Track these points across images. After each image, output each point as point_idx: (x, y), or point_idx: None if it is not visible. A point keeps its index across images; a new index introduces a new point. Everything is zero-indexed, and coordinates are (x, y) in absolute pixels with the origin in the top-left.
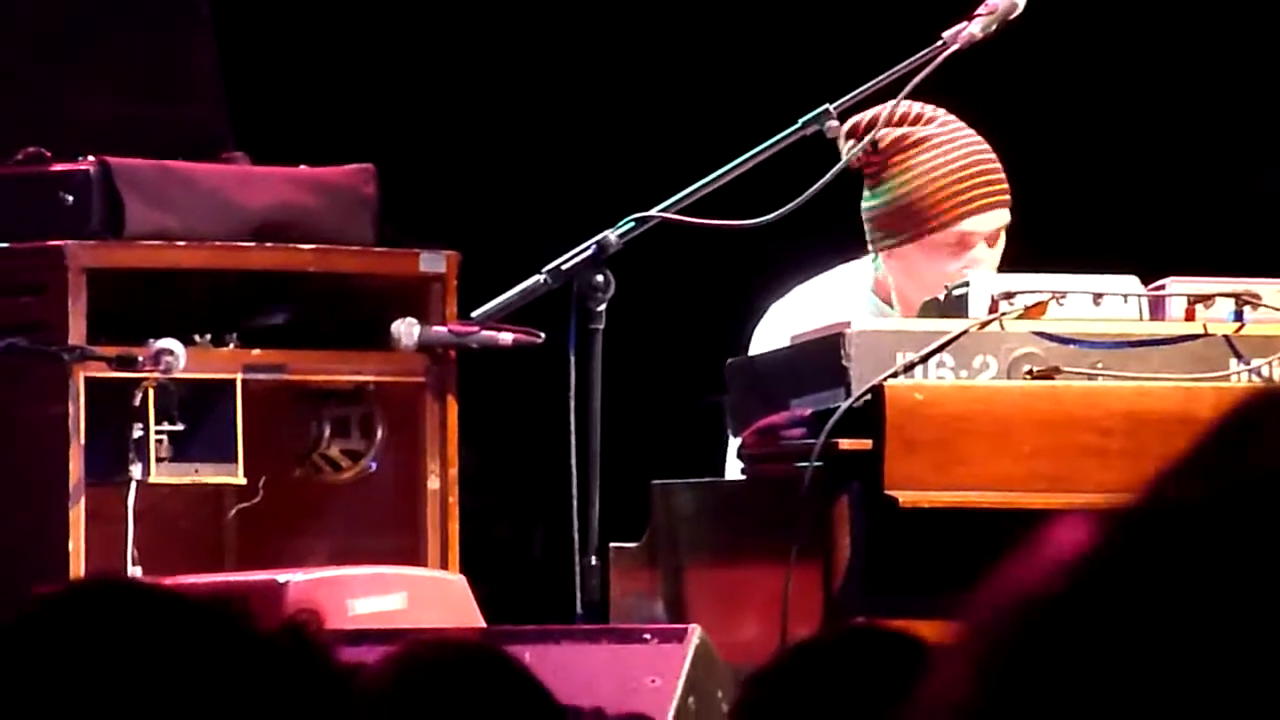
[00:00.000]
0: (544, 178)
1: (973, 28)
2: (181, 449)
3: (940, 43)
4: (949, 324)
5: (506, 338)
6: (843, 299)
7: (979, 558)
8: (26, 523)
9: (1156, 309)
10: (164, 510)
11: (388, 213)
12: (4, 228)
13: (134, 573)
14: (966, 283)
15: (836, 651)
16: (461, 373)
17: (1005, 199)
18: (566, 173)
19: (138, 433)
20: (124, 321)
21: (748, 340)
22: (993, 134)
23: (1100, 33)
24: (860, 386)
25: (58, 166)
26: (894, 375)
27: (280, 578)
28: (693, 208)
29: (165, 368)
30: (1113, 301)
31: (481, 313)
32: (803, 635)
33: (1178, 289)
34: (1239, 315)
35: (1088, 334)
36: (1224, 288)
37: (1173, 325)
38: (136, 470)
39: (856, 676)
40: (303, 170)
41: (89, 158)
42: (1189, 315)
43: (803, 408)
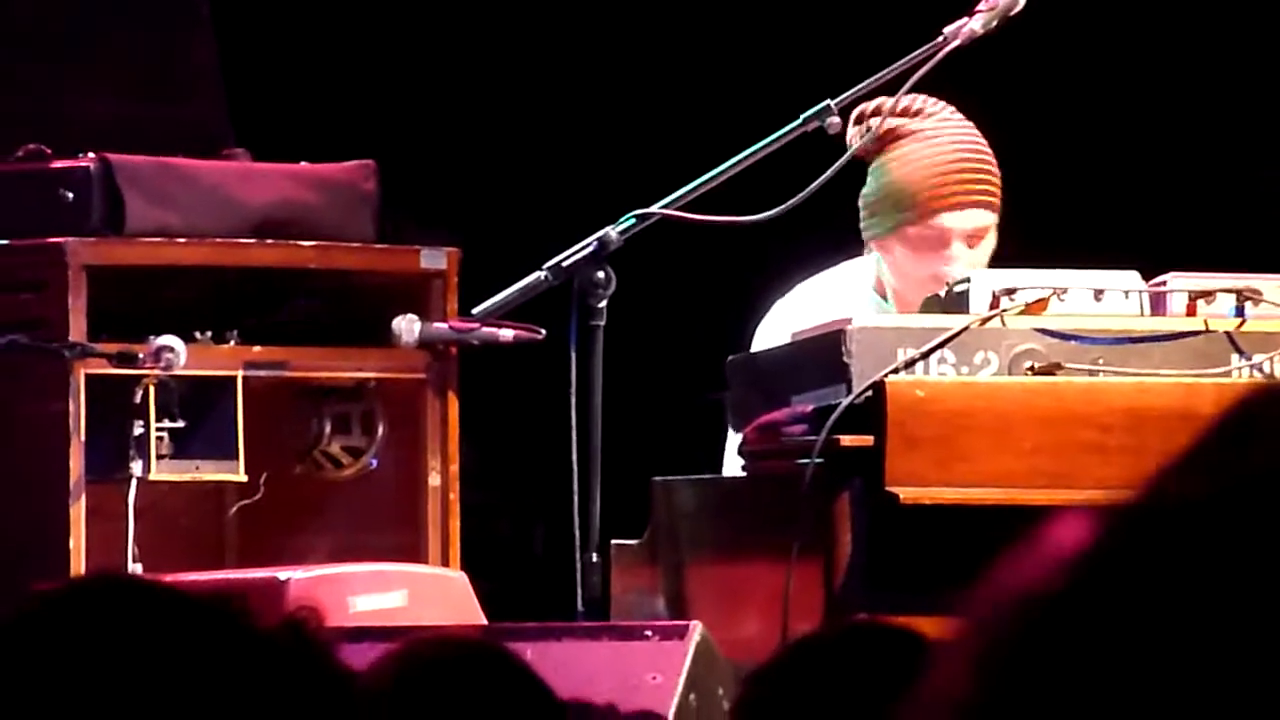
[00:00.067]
0: (545, 174)
1: (974, 23)
2: (182, 446)
3: (942, 38)
4: (950, 320)
5: (507, 334)
6: (845, 296)
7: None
8: (27, 520)
9: (1157, 305)
10: (165, 507)
11: (388, 209)
12: (4, 225)
13: (135, 570)
14: (967, 279)
15: (838, 648)
16: (462, 369)
17: (987, 200)
18: (567, 169)
19: (138, 430)
20: (124, 318)
21: (750, 337)
22: (994, 129)
23: (1101, 28)
24: (861, 383)
25: (58, 163)
26: (895, 372)
27: (281, 575)
28: (694, 204)
29: (166, 365)
30: (1114, 297)
31: (482, 309)
32: (804, 632)
33: (1179, 285)
34: (1240, 311)
35: (1089, 330)
36: (1225, 283)
37: (1174, 321)
38: (137, 467)
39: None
40: (303, 167)
41: (89, 154)
42: (1190, 311)
43: (804, 404)
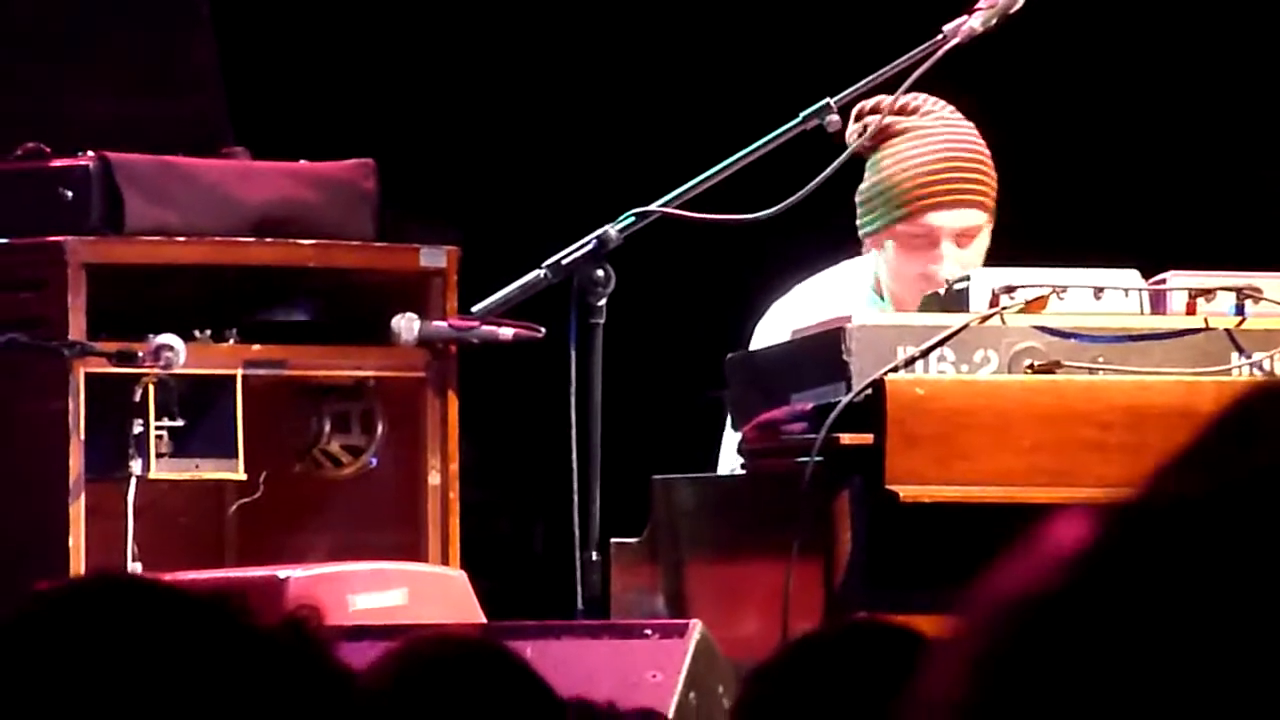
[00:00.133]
0: (544, 172)
1: (973, 22)
2: (182, 444)
3: (941, 36)
4: (950, 318)
5: (507, 333)
6: (843, 296)
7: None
8: (26, 518)
9: (1157, 303)
10: (164, 506)
11: (387, 207)
12: (4, 223)
13: (134, 568)
14: (967, 277)
15: (838, 647)
16: (462, 368)
17: (977, 199)
18: (567, 167)
19: (138, 428)
20: (124, 317)
21: (748, 337)
22: (994, 127)
23: (1100, 26)
24: (861, 381)
25: (57, 162)
26: (895, 370)
27: (281, 573)
28: (694, 202)
29: (165, 363)
30: (1113, 296)
31: (482, 308)
32: (804, 630)
33: (1179, 283)
34: (1240, 309)
35: (1089, 328)
36: (1225, 282)
37: (1174, 319)
38: (136, 466)
39: (858, 671)
40: (303, 165)
41: (88, 153)
42: (1190, 309)
43: (803, 402)
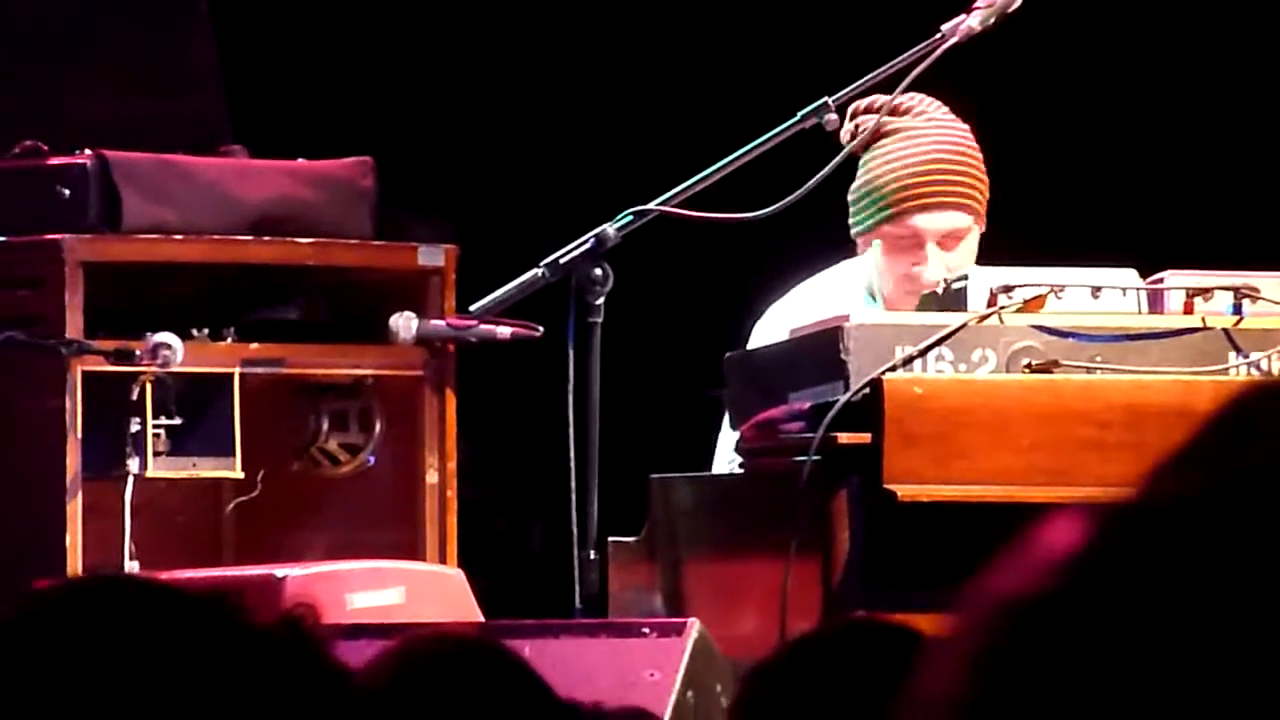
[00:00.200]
0: (542, 171)
1: (971, 21)
2: (179, 443)
3: (939, 35)
4: (947, 317)
5: (505, 331)
6: (839, 297)
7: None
8: (24, 517)
9: (1155, 302)
10: (161, 504)
11: (385, 206)
12: (2, 221)
13: (131, 567)
14: (965, 276)
15: (836, 646)
16: (460, 366)
17: (962, 202)
18: (565, 166)
19: (135, 427)
20: (121, 315)
21: (746, 336)
22: (992, 126)
23: (1099, 26)
24: (859, 380)
25: (55, 160)
26: (893, 369)
27: (278, 572)
28: (692, 201)
29: (163, 362)
30: (1111, 295)
31: (480, 306)
32: (802, 629)
33: (1176, 282)
34: (1238, 309)
35: (1086, 327)
36: (1223, 281)
37: (1171, 319)
38: (134, 464)
39: (856, 671)
40: (301, 164)
41: (86, 151)
42: (1188, 309)
43: (801, 401)
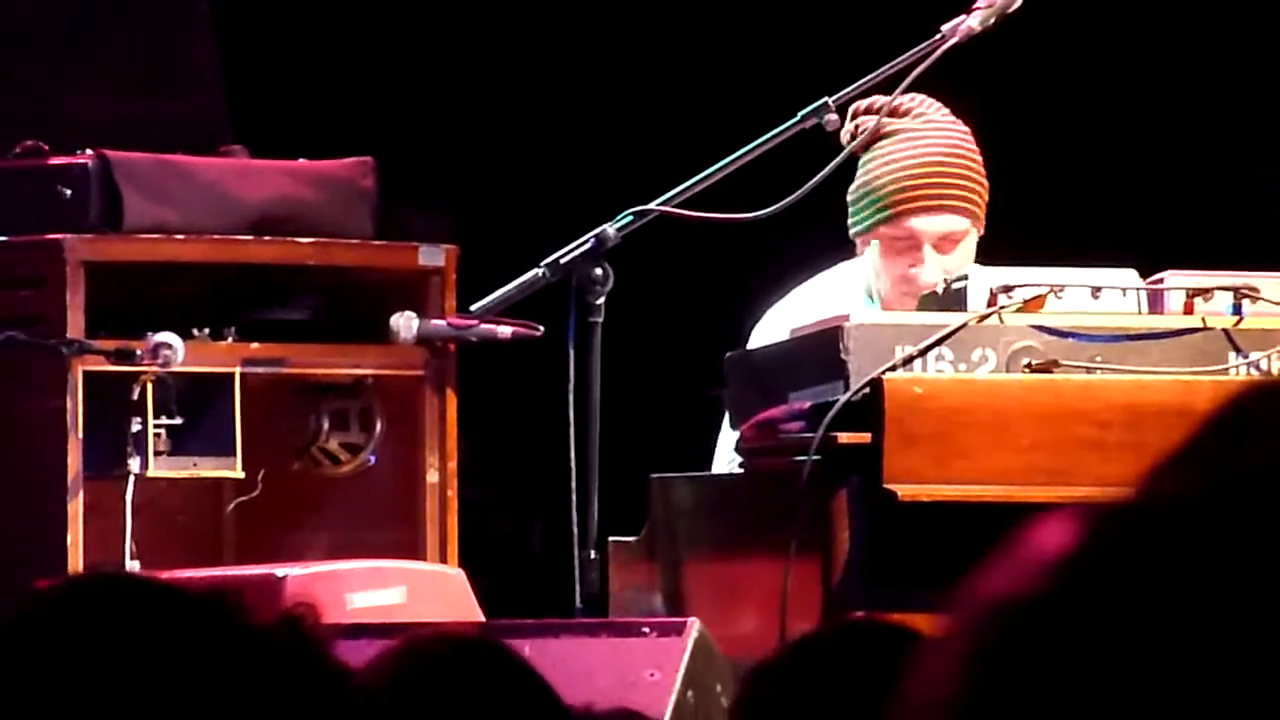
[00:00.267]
0: (543, 171)
1: (971, 21)
2: (180, 443)
3: (939, 36)
4: (948, 317)
5: (505, 331)
6: (838, 298)
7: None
8: (25, 517)
9: (1155, 302)
10: (162, 504)
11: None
12: (3, 221)
13: (132, 566)
14: (965, 276)
15: (836, 646)
16: (460, 366)
17: (960, 205)
18: (565, 166)
19: (136, 426)
20: (122, 315)
21: (746, 336)
22: (992, 127)
23: (1099, 26)
24: (859, 380)
25: (56, 160)
26: (893, 368)
27: (278, 572)
28: (692, 201)
29: (164, 361)
30: (1111, 295)
31: (480, 306)
32: (802, 629)
33: (1176, 282)
34: (1237, 309)
35: (1086, 327)
36: (1223, 281)
37: (1171, 319)
38: (135, 464)
39: (856, 671)
40: (301, 163)
41: (87, 151)
42: (1188, 309)
43: (801, 401)
